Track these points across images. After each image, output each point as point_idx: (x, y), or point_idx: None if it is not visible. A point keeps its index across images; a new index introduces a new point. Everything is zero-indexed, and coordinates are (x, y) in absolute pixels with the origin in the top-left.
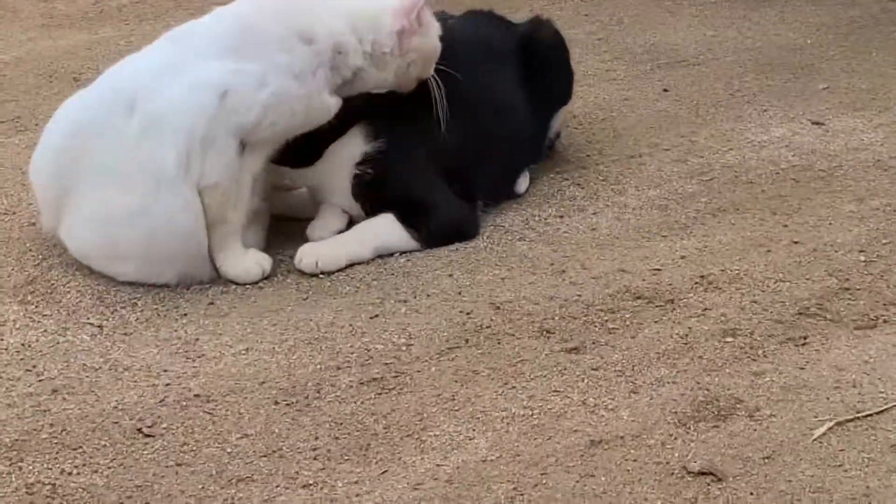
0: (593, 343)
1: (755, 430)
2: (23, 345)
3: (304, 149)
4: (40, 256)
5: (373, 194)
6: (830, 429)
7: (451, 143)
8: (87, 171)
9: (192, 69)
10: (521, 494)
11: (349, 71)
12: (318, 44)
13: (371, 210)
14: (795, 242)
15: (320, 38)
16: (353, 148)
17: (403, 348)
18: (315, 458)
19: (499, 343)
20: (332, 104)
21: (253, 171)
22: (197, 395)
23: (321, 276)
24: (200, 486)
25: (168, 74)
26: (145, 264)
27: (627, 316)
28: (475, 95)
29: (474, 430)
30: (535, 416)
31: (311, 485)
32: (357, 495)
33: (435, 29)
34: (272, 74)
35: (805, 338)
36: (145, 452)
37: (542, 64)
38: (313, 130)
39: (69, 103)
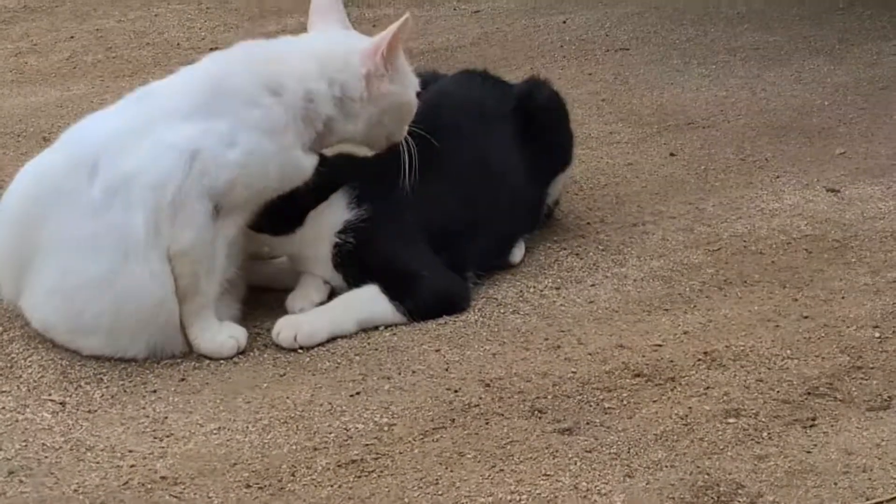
0: (587, 423)
1: None
2: None
3: (284, 214)
4: (0, 328)
5: (354, 265)
6: None
7: (440, 210)
8: (48, 240)
9: (159, 130)
10: None
11: (320, 122)
12: (286, 94)
13: (353, 281)
14: (805, 317)
15: (289, 88)
16: (333, 215)
17: (385, 428)
18: None
19: (487, 423)
20: (307, 163)
21: (228, 236)
22: (164, 478)
23: (300, 350)
24: None
25: (133, 136)
26: (112, 337)
27: (625, 395)
28: (466, 160)
29: None
30: (522, 502)
31: None
32: None
33: (411, 81)
34: (242, 132)
35: (813, 419)
36: None
37: (539, 127)
38: (294, 195)
39: (28, 168)
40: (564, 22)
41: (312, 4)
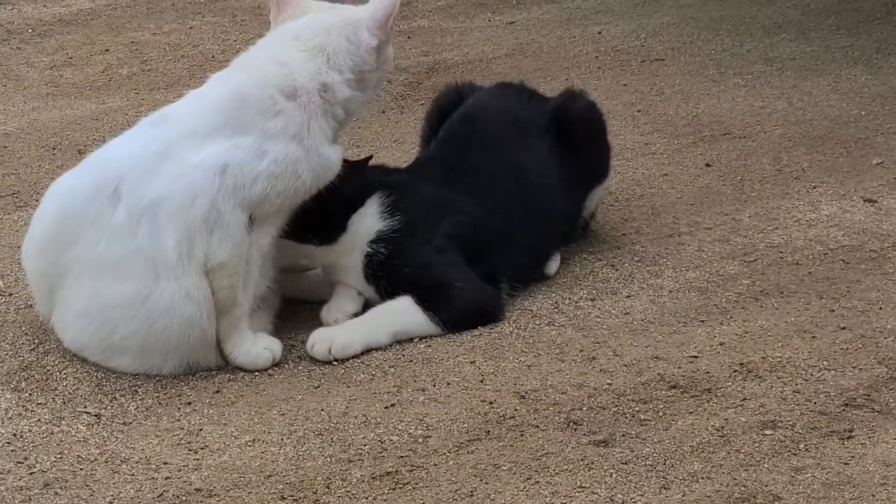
0: (623, 435)
1: None
2: (14, 435)
3: (328, 223)
4: (36, 341)
5: (386, 275)
6: None
7: (475, 221)
8: (76, 263)
9: (181, 153)
10: None
11: (340, 108)
12: (303, 95)
13: (386, 293)
14: (843, 328)
15: (304, 88)
16: (366, 224)
17: (420, 440)
18: None
19: (522, 435)
20: (334, 156)
21: (262, 247)
22: (198, 490)
23: (334, 362)
24: None
25: (152, 160)
26: (145, 356)
27: (660, 406)
28: (502, 172)
29: None
30: None
31: None
32: None
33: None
34: (268, 141)
35: (850, 431)
36: None
37: (575, 139)
38: (336, 202)
39: (53, 190)
40: (600, 33)
41: None
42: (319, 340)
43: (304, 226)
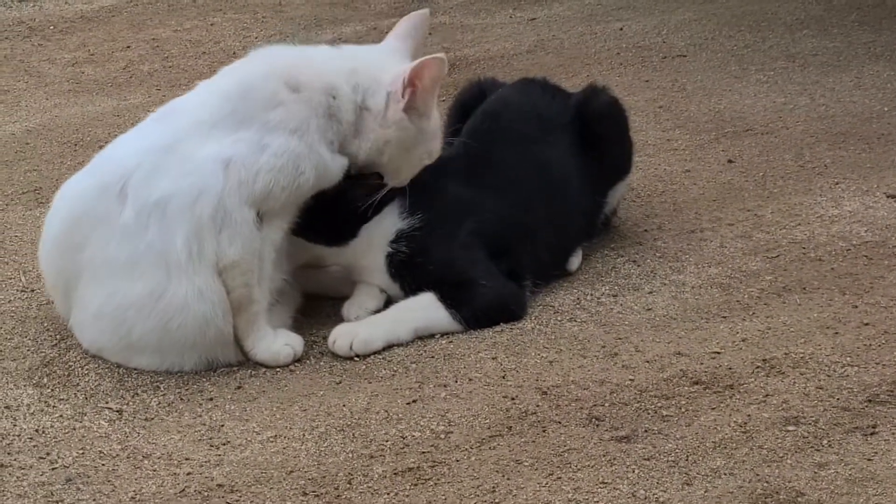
0: (645, 431)
1: None
2: (36, 430)
3: (339, 226)
4: (58, 337)
5: (409, 273)
6: None
7: (498, 218)
8: (89, 264)
9: (186, 147)
10: None
11: (343, 120)
12: (305, 90)
13: (409, 290)
14: (866, 324)
15: (308, 84)
16: (386, 225)
17: (442, 436)
18: None
19: (544, 431)
20: (334, 164)
21: (274, 242)
22: (220, 485)
23: (356, 358)
24: None
25: (158, 156)
26: (164, 355)
27: (683, 402)
28: (525, 168)
29: None
30: None
31: None
32: None
33: (430, 131)
34: (268, 134)
35: (874, 426)
36: None
37: (597, 135)
38: (349, 207)
39: (64, 190)
40: (621, 29)
41: (396, 26)
42: (341, 336)
43: (312, 227)
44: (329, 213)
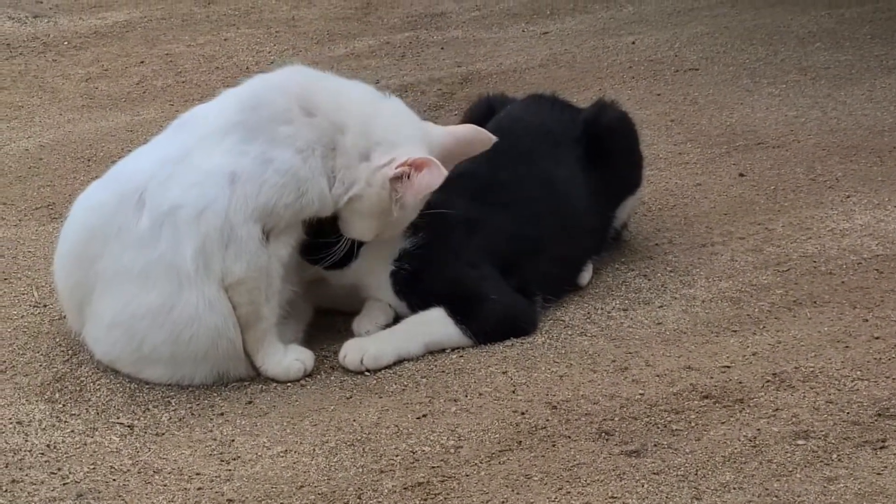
0: (655, 445)
1: None
2: (48, 446)
3: (335, 252)
4: (70, 352)
5: (414, 290)
6: None
7: (507, 234)
8: (104, 275)
9: (196, 156)
10: None
11: (340, 162)
12: (319, 116)
13: (416, 306)
14: (876, 338)
15: (322, 111)
16: (389, 245)
17: (452, 451)
18: None
19: (554, 445)
20: (329, 199)
21: (281, 258)
22: (230, 500)
23: (367, 373)
24: None
25: (174, 164)
26: (175, 366)
27: (693, 416)
28: (535, 184)
29: None
30: None
31: None
32: None
33: (399, 220)
34: (274, 149)
35: (884, 441)
36: None
37: (607, 150)
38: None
39: (80, 202)
40: (633, 43)
41: (464, 125)
42: (351, 351)
43: (311, 251)
44: (325, 240)
